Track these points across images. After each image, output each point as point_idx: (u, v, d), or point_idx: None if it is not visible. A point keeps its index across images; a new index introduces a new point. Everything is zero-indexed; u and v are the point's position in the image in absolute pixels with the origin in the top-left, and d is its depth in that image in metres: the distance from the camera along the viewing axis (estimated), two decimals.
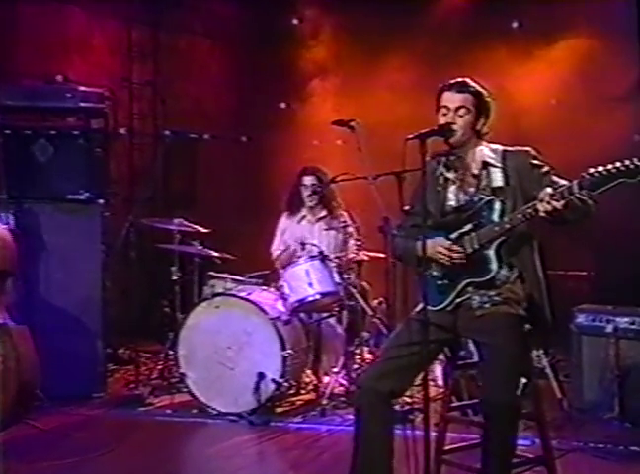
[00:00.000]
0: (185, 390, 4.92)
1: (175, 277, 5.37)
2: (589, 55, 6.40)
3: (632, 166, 2.71)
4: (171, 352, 5.17)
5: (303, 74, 7.69)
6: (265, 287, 5.21)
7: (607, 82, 6.34)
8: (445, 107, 3.12)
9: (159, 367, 5.48)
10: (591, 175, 2.77)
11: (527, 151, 3.14)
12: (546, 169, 3.09)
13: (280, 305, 4.98)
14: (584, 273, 6.22)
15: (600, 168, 2.76)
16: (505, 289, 3.06)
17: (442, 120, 3.13)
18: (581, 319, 4.63)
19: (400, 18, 6.98)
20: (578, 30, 6.52)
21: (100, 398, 5.10)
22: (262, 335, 4.76)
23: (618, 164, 2.73)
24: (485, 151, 3.17)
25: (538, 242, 3.13)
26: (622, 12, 6.34)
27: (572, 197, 2.82)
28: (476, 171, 3.16)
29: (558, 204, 2.81)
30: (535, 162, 3.11)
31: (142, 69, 7.67)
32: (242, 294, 4.95)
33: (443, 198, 3.21)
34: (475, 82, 3.18)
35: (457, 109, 3.11)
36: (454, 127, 3.09)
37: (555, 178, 3.03)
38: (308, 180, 5.53)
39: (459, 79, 3.17)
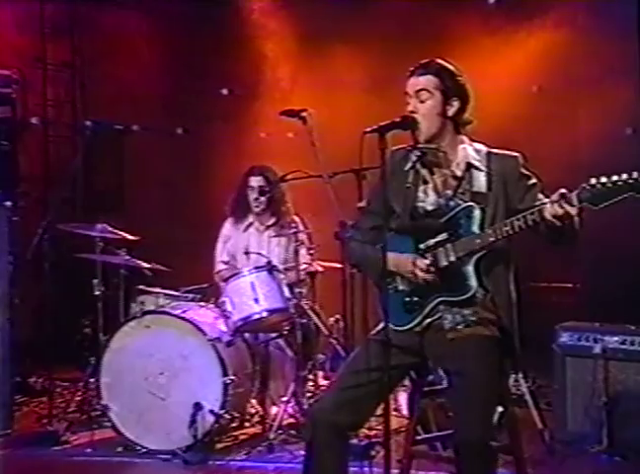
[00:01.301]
0: (108, 425, 4.87)
1: (97, 292, 5.31)
2: (576, 36, 6.50)
3: None
4: (92, 380, 5.13)
5: (250, 57, 7.69)
6: (203, 304, 5.20)
7: (597, 68, 6.45)
8: (406, 93, 3.14)
9: (77, 398, 5.43)
10: (592, 186, 2.77)
11: (516, 157, 3.16)
12: (533, 181, 3.13)
13: (220, 324, 4.97)
14: (569, 285, 6.35)
15: (603, 179, 2.75)
16: (481, 308, 3.09)
17: (405, 111, 3.13)
18: (565, 338, 4.71)
19: None
20: (564, 6, 6.60)
21: (6, 436, 5.03)
22: (199, 359, 4.75)
23: (625, 176, 2.72)
24: (469, 150, 3.18)
25: (515, 261, 3.16)
26: None
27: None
28: (459, 172, 3.16)
29: (572, 209, 2.80)
30: (524, 171, 3.14)
31: (58, 48, 7.61)
32: (176, 312, 4.94)
33: (413, 198, 3.19)
34: (445, 62, 3.18)
35: (417, 93, 3.11)
36: (417, 117, 3.09)
37: (541, 195, 3.04)
38: (255, 181, 5.54)
39: (423, 61, 3.17)
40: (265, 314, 4.90)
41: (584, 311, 5.53)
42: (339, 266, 4.75)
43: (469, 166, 3.15)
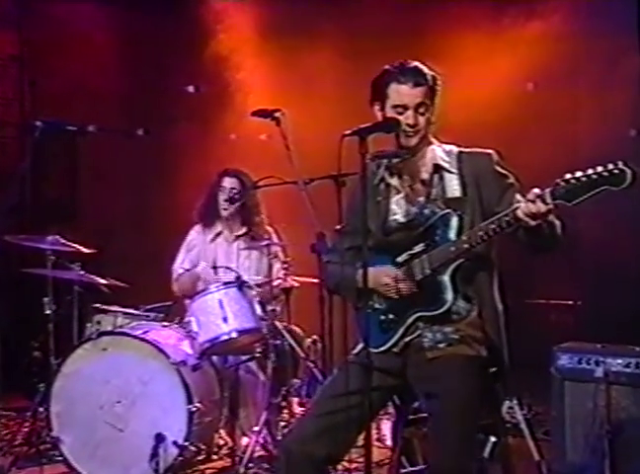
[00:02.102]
0: (59, 459, 4.84)
1: (48, 311, 5.30)
2: (575, 31, 6.56)
3: (617, 171, 2.77)
4: (41, 409, 5.10)
5: (218, 51, 7.71)
6: (166, 324, 5.19)
7: (598, 64, 6.52)
8: (403, 106, 3.16)
9: (25, 430, 5.39)
10: (566, 182, 2.83)
11: (489, 154, 3.23)
12: (510, 181, 3.19)
13: (185, 346, 4.97)
14: (568, 302, 6.40)
15: (578, 173, 2.82)
16: (464, 325, 3.14)
17: (402, 123, 3.15)
18: (564, 361, 4.73)
19: None
20: None
21: None
22: (162, 385, 4.74)
23: (600, 168, 2.79)
24: (438, 152, 3.25)
25: (498, 269, 3.22)
26: None
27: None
28: (426, 175, 3.23)
29: (545, 207, 2.86)
30: (499, 170, 3.20)
31: (4, 40, 7.58)
32: (137, 333, 4.93)
33: (385, 212, 3.27)
34: (424, 65, 3.24)
35: (418, 106, 3.17)
36: (417, 128, 3.15)
37: (519, 196, 3.10)
38: (228, 182, 5.57)
39: (410, 66, 3.20)
40: (234, 335, 4.90)
41: (584, 331, 5.57)
42: (316, 281, 4.76)
43: (437, 168, 3.21)
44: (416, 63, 3.22)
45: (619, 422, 4.49)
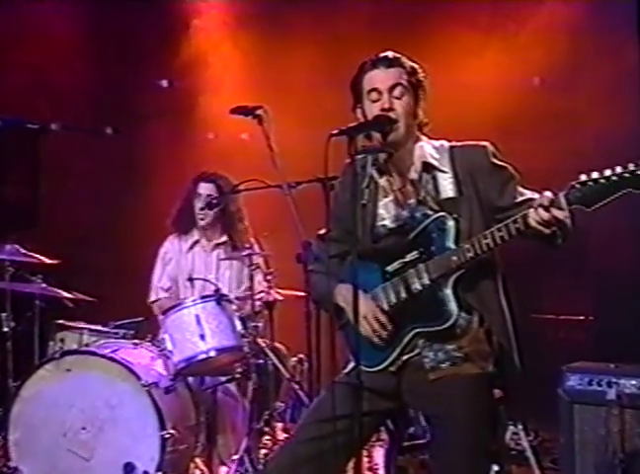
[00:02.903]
0: None
1: (6, 329, 5.29)
2: (585, 19, 6.59)
3: (639, 172, 2.76)
4: None
5: (195, 41, 7.72)
6: (137, 341, 5.18)
7: (610, 56, 6.54)
8: (375, 90, 3.20)
9: None
10: (582, 184, 2.83)
11: (484, 146, 3.23)
12: (510, 172, 3.20)
13: (158, 366, 4.97)
14: (580, 317, 6.42)
15: (595, 174, 2.82)
16: (467, 340, 3.14)
17: (375, 111, 3.19)
18: (573, 382, 4.74)
19: None
20: None
21: None
22: (131, 409, 4.73)
23: (619, 169, 2.78)
24: (426, 148, 3.25)
25: (502, 273, 3.23)
26: None
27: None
28: (414, 175, 3.23)
29: (561, 213, 2.86)
30: (496, 161, 3.21)
31: None
32: (104, 352, 4.92)
33: (373, 216, 3.27)
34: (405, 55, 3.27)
35: (392, 88, 3.19)
36: (393, 115, 3.16)
37: (521, 189, 3.12)
38: (204, 188, 5.59)
39: (383, 54, 3.25)
40: (213, 354, 4.90)
41: (596, 349, 5.59)
42: (302, 294, 4.76)
43: (426, 166, 3.21)
44: (391, 52, 3.26)
45: (634, 450, 4.50)
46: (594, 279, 6.30)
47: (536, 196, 2.99)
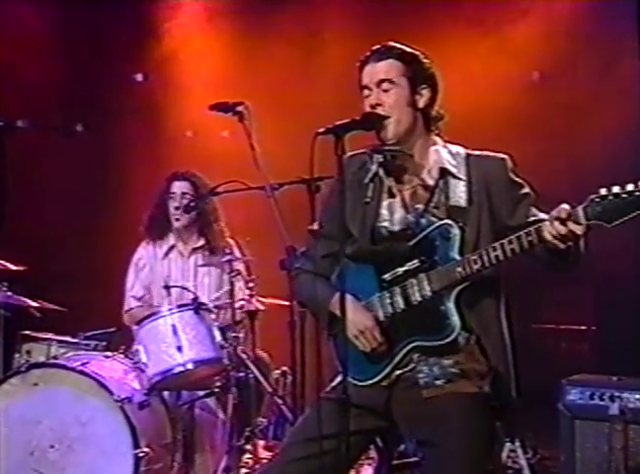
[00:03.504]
0: None
1: None
2: (590, 11, 6.61)
3: None
4: None
5: (172, 32, 7.71)
6: (110, 354, 5.16)
7: (615, 49, 6.56)
8: (365, 87, 3.21)
9: None
10: (602, 198, 2.82)
11: (503, 159, 3.23)
12: (526, 191, 3.20)
13: (132, 380, 4.96)
14: (582, 327, 6.43)
15: (616, 189, 2.81)
16: (464, 356, 3.13)
17: (367, 107, 3.20)
18: (574, 396, 4.75)
19: None
20: None
21: None
22: (103, 426, 4.72)
23: None
24: (443, 154, 3.24)
25: (506, 292, 3.22)
26: None
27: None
28: (431, 182, 3.21)
29: (579, 228, 2.85)
30: (513, 177, 3.21)
31: None
32: (74, 364, 4.90)
33: (374, 216, 3.24)
34: (405, 45, 3.26)
35: (379, 83, 3.19)
36: (381, 111, 3.16)
37: (534, 209, 3.11)
38: (177, 187, 5.59)
39: (381, 45, 3.26)
40: (190, 366, 4.89)
41: (599, 361, 5.59)
42: (285, 303, 4.76)
43: (443, 172, 3.20)
44: (388, 42, 3.26)
45: (638, 468, 4.52)
46: (596, 286, 6.30)
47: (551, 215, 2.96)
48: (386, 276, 3.19)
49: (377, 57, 3.21)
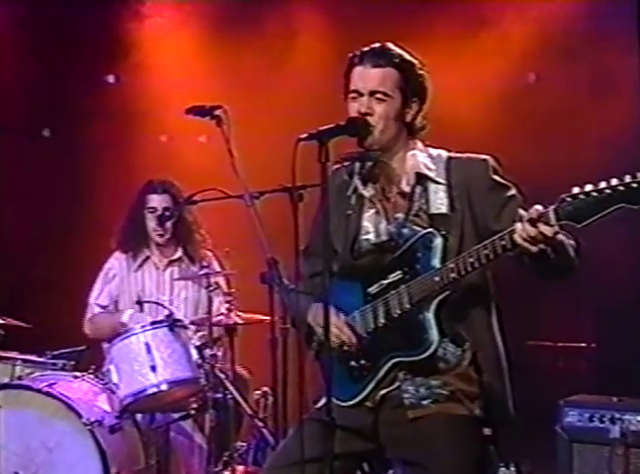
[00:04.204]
0: None
1: None
2: (588, 10, 6.64)
3: (635, 185, 2.77)
4: None
5: (145, 30, 7.70)
6: (79, 374, 5.15)
7: (615, 51, 6.60)
8: (355, 91, 3.22)
9: None
10: (574, 197, 2.85)
11: (485, 160, 3.26)
12: (511, 193, 3.21)
13: (102, 402, 4.96)
14: (581, 344, 6.44)
15: (589, 187, 2.84)
16: (454, 377, 3.15)
17: (353, 111, 3.21)
18: (572, 418, 4.77)
19: None
20: None
21: None
22: (72, 451, 4.72)
23: (615, 181, 2.80)
24: (420, 157, 3.27)
25: (497, 302, 3.25)
26: None
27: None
28: (407, 188, 3.25)
29: (549, 229, 2.86)
30: (497, 178, 3.23)
31: None
32: (40, 385, 4.89)
33: (356, 230, 3.29)
34: (401, 49, 3.28)
35: (373, 93, 3.20)
36: (371, 121, 3.18)
37: (522, 212, 3.11)
38: (157, 201, 5.57)
39: (375, 45, 3.27)
40: (164, 387, 4.89)
41: (597, 380, 5.60)
42: (266, 318, 4.76)
43: (420, 177, 3.23)
44: (385, 44, 3.27)
45: None
46: (595, 302, 6.32)
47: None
48: (371, 290, 3.22)
49: (373, 62, 3.21)
